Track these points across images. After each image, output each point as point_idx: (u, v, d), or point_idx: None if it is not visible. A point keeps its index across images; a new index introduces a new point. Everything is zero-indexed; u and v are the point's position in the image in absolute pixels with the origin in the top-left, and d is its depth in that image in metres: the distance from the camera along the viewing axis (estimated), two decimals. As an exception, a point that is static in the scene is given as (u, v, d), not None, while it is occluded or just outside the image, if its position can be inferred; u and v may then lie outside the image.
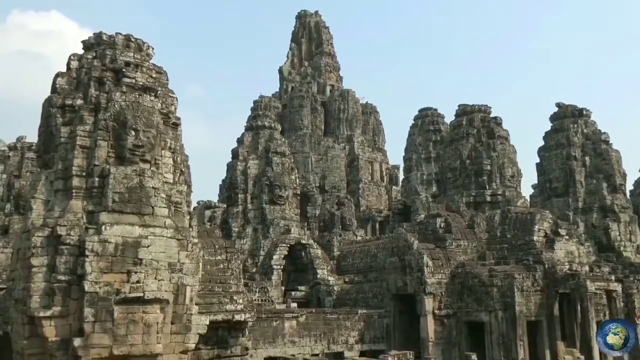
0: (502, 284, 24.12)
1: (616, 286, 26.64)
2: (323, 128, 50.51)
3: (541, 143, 37.12)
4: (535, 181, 37.88)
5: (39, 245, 15.21)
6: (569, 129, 35.77)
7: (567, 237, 27.05)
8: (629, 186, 36.64)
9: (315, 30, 55.46)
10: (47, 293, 14.95)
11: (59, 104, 17.00)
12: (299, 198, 38.85)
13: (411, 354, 21.07)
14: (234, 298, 18.29)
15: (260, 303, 26.80)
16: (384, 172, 51.09)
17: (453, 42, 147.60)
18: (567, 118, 36.49)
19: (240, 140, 38.91)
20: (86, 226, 15.59)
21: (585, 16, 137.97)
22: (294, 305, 27.18)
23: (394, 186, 50.27)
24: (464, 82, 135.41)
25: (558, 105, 37.51)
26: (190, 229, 17.34)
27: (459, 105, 33.84)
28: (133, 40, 18.25)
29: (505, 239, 27.85)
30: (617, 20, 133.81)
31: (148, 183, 16.39)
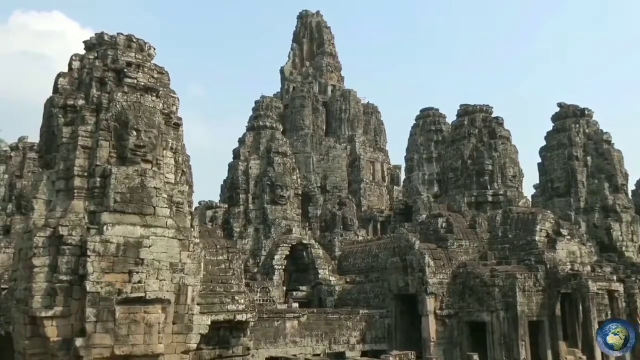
0: (504, 284, 24.11)
1: (618, 286, 26.62)
2: (324, 128, 50.51)
3: (543, 143, 37.11)
4: (536, 181, 37.82)
5: (41, 245, 15.21)
6: (571, 128, 35.72)
7: (569, 237, 27.03)
8: (631, 186, 36.59)
9: (316, 30, 55.48)
10: (49, 293, 14.96)
11: (61, 104, 17.02)
12: (300, 198, 38.86)
13: (413, 354, 21.02)
14: (236, 298, 18.29)
15: (262, 303, 26.80)
16: (386, 172, 51.07)
17: (455, 42, 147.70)
18: (569, 118, 36.43)
19: (241, 141, 38.93)
20: (88, 226, 15.60)
21: (587, 16, 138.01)
22: (296, 305, 27.16)
23: (395, 186, 50.25)
24: (466, 82, 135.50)
25: (560, 105, 37.45)
26: (192, 229, 17.34)
27: (461, 105, 33.77)
28: (135, 40, 18.27)
29: (506, 239, 27.83)
30: (619, 20, 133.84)
31: (149, 183, 16.41)
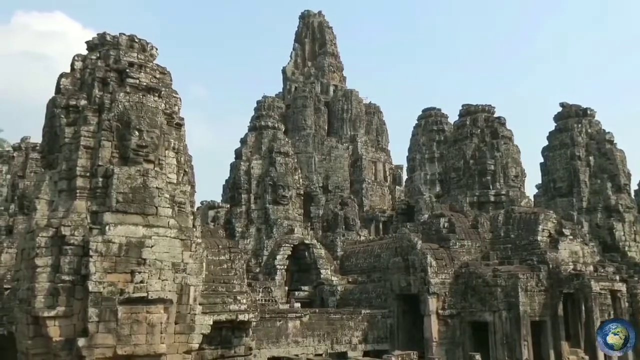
0: (506, 284, 24.08)
1: (621, 286, 26.57)
2: (326, 128, 50.45)
3: (545, 143, 37.10)
4: (539, 181, 37.81)
5: (43, 245, 15.25)
6: (573, 128, 35.69)
7: (572, 237, 27.00)
8: (634, 186, 36.49)
9: (318, 30, 55.44)
10: (51, 293, 14.99)
11: (63, 105, 17.05)
12: (302, 198, 38.80)
13: (415, 354, 21.01)
14: (238, 298, 18.31)
15: (264, 303, 26.82)
16: (388, 172, 51.01)
17: (456, 42, 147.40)
18: (571, 118, 36.40)
19: (243, 141, 38.92)
20: (90, 226, 15.63)
21: (587, 16, 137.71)
22: (298, 305, 27.18)
23: (397, 186, 50.17)
24: (468, 82, 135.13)
25: (562, 105, 37.43)
26: (194, 229, 17.35)
27: (463, 105, 33.74)
28: (137, 40, 18.30)
29: (509, 239, 27.81)
30: (619, 20, 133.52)
31: (152, 183, 16.43)
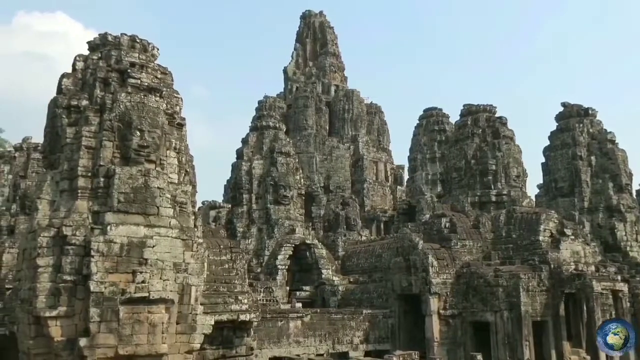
0: (508, 284, 24.07)
1: (622, 286, 26.54)
2: (328, 128, 50.47)
3: (546, 143, 37.09)
4: (540, 181, 37.81)
5: (45, 245, 15.26)
6: (575, 128, 35.68)
7: (573, 237, 26.99)
8: (635, 186, 36.51)
9: (319, 30, 55.46)
10: (53, 293, 14.99)
11: (65, 105, 17.06)
12: (303, 198, 38.81)
13: (416, 354, 21.01)
14: (239, 298, 18.30)
15: (265, 303, 26.84)
16: (389, 172, 51.02)
17: (458, 42, 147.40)
18: (573, 117, 36.40)
19: (244, 141, 38.94)
20: (92, 226, 15.63)
21: (587, 16, 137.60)
22: (299, 305, 27.20)
23: (398, 186, 50.18)
24: (469, 82, 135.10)
25: (563, 104, 37.42)
26: (195, 229, 17.36)
27: (464, 105, 33.77)
28: (138, 41, 18.31)
29: (510, 239, 27.80)
30: (619, 20, 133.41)
31: (153, 183, 16.44)
